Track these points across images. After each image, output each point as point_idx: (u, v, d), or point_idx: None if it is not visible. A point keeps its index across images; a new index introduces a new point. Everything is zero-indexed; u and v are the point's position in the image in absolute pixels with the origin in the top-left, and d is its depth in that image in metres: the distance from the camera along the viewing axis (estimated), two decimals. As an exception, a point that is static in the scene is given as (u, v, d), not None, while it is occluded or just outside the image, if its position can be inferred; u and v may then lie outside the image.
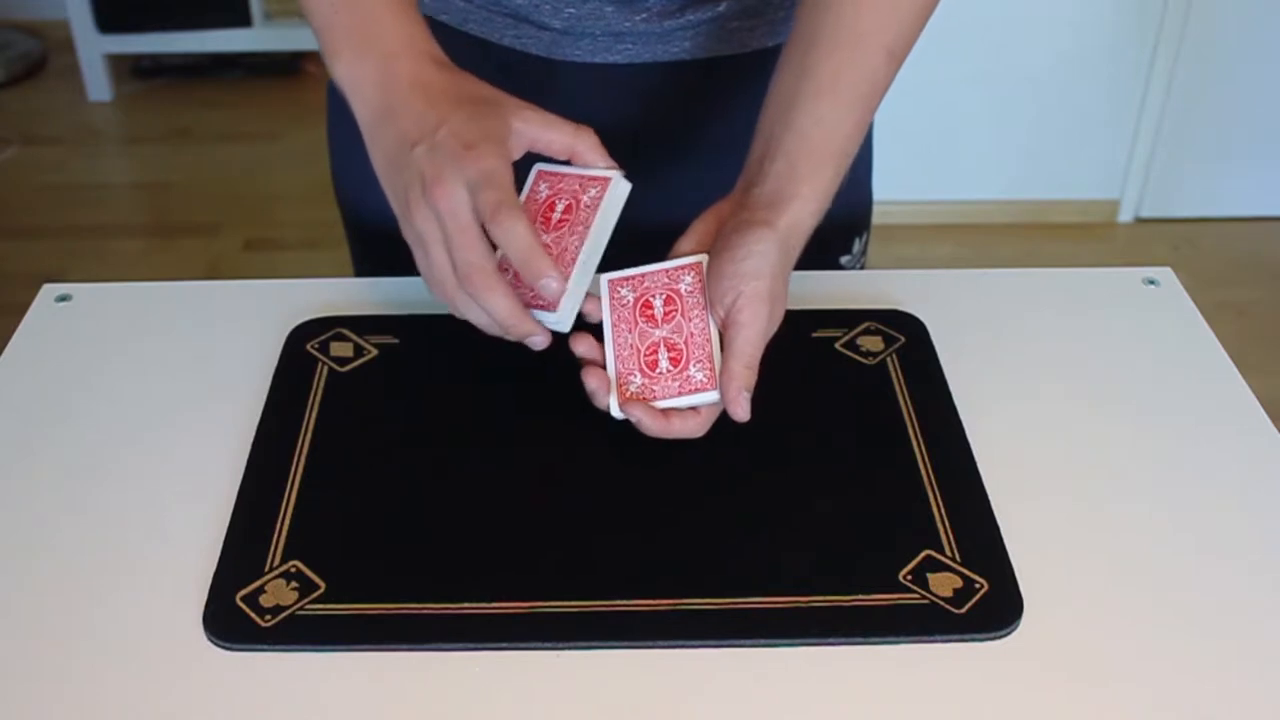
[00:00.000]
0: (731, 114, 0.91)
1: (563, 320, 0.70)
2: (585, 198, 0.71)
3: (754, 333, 0.69)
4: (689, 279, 0.72)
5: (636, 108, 0.91)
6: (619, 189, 0.71)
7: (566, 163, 0.72)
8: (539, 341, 0.70)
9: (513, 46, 0.88)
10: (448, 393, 0.76)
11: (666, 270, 0.73)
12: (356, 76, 0.71)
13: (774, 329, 0.71)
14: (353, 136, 0.95)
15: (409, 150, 0.67)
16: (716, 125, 0.92)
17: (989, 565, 0.64)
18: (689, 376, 0.70)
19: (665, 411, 0.70)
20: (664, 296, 0.72)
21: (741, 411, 0.69)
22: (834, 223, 0.85)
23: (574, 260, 0.69)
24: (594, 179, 0.72)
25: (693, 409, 0.70)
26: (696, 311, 0.71)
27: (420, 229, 0.67)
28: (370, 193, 0.95)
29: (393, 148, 0.69)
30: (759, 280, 0.69)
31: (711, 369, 0.69)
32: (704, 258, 0.72)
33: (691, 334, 0.71)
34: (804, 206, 0.71)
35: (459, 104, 0.68)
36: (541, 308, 0.69)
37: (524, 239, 0.66)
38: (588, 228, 0.70)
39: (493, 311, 0.68)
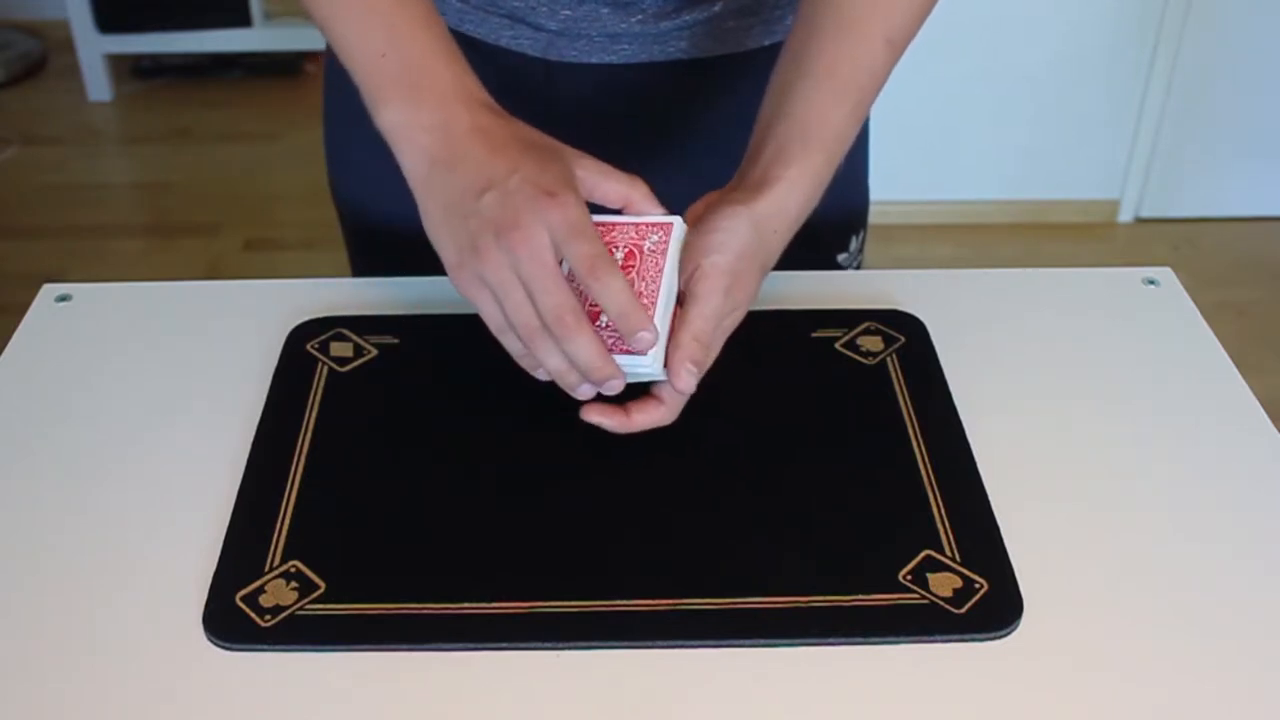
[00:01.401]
0: (728, 113, 0.91)
1: (657, 367, 0.68)
2: (647, 244, 0.70)
3: (707, 307, 0.68)
4: (655, 238, 0.71)
5: (633, 107, 0.91)
6: (680, 232, 0.71)
7: (610, 211, 0.72)
8: (616, 386, 0.68)
9: (509, 47, 0.88)
10: (448, 393, 0.76)
11: (636, 225, 0.71)
12: (409, 124, 0.69)
13: (735, 311, 0.70)
14: (349, 138, 0.96)
15: (475, 198, 0.65)
16: (713, 124, 0.92)
17: (989, 565, 0.64)
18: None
19: (625, 407, 0.69)
20: (626, 251, 0.70)
21: (682, 383, 0.67)
22: (831, 221, 0.85)
23: (653, 304, 0.68)
24: (654, 225, 0.71)
25: (654, 399, 0.69)
26: (653, 273, 0.70)
27: (493, 276, 0.65)
28: (367, 193, 0.96)
29: (454, 196, 0.67)
30: (720, 255, 0.68)
31: (653, 333, 0.68)
32: (676, 219, 0.71)
33: (640, 293, 0.69)
34: (789, 190, 0.70)
35: (525, 151, 0.67)
36: (627, 353, 0.68)
37: (623, 294, 0.65)
38: (660, 271, 0.69)
39: (579, 353, 0.66)
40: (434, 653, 0.60)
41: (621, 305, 0.65)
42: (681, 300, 0.69)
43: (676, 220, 0.71)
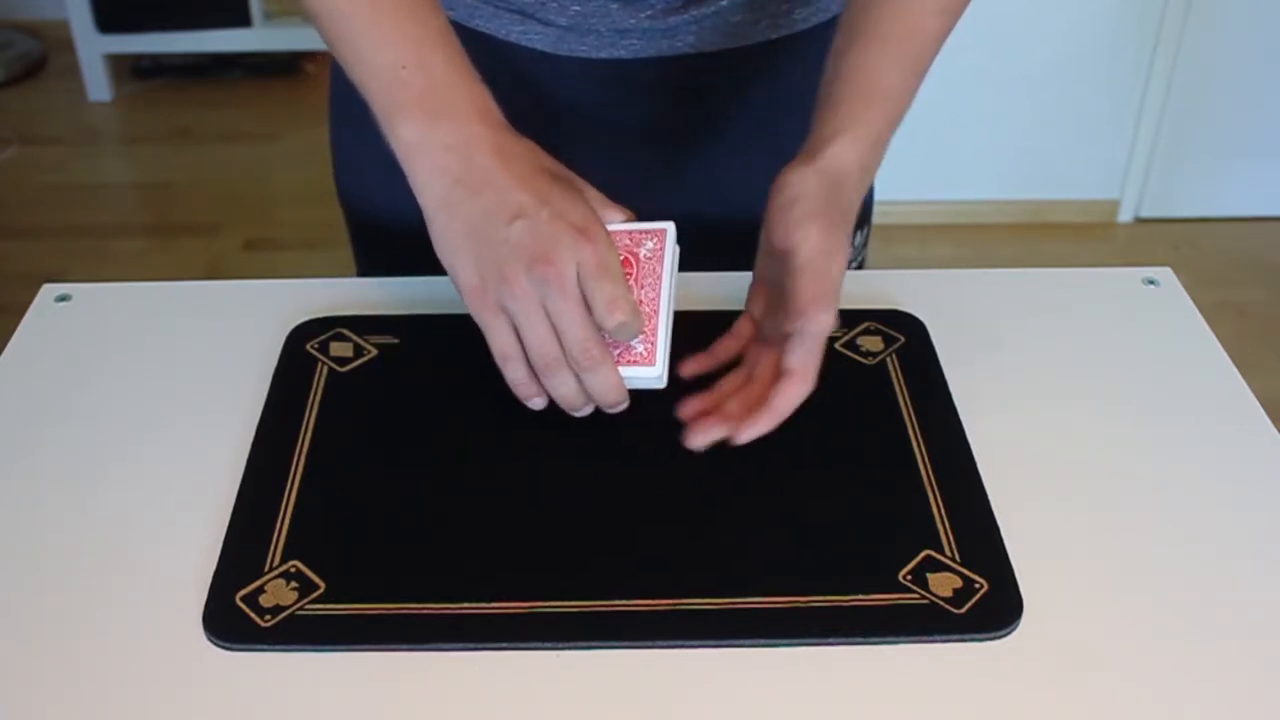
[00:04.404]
0: (736, 107, 0.91)
1: (662, 376, 0.69)
2: (643, 251, 0.70)
3: (810, 249, 0.67)
4: (650, 244, 0.71)
5: (641, 102, 0.91)
6: (673, 236, 0.71)
7: None
8: (622, 408, 0.69)
9: (518, 42, 0.88)
10: (448, 393, 0.76)
11: (630, 232, 0.71)
12: (427, 142, 0.68)
13: (839, 253, 0.68)
14: (355, 136, 0.96)
15: (504, 224, 0.66)
16: (721, 118, 0.92)
17: (989, 565, 0.64)
18: (629, 346, 0.68)
19: (763, 403, 0.68)
20: (621, 259, 0.70)
21: (822, 324, 0.66)
22: None
23: (656, 311, 0.69)
24: (647, 232, 0.71)
25: (785, 375, 0.68)
26: (650, 280, 0.70)
27: (518, 305, 0.66)
28: (373, 189, 0.96)
29: (478, 219, 0.67)
30: (800, 205, 0.68)
31: (653, 345, 0.68)
32: (669, 225, 0.71)
33: (640, 301, 0.69)
34: (847, 147, 0.70)
35: (552, 183, 0.67)
36: (633, 364, 0.68)
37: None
38: (659, 278, 0.70)
39: (600, 384, 0.67)
40: (434, 653, 0.60)
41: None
42: (783, 260, 0.68)
43: (669, 226, 0.71)
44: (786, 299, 0.68)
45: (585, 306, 0.66)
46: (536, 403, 0.70)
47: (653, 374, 0.68)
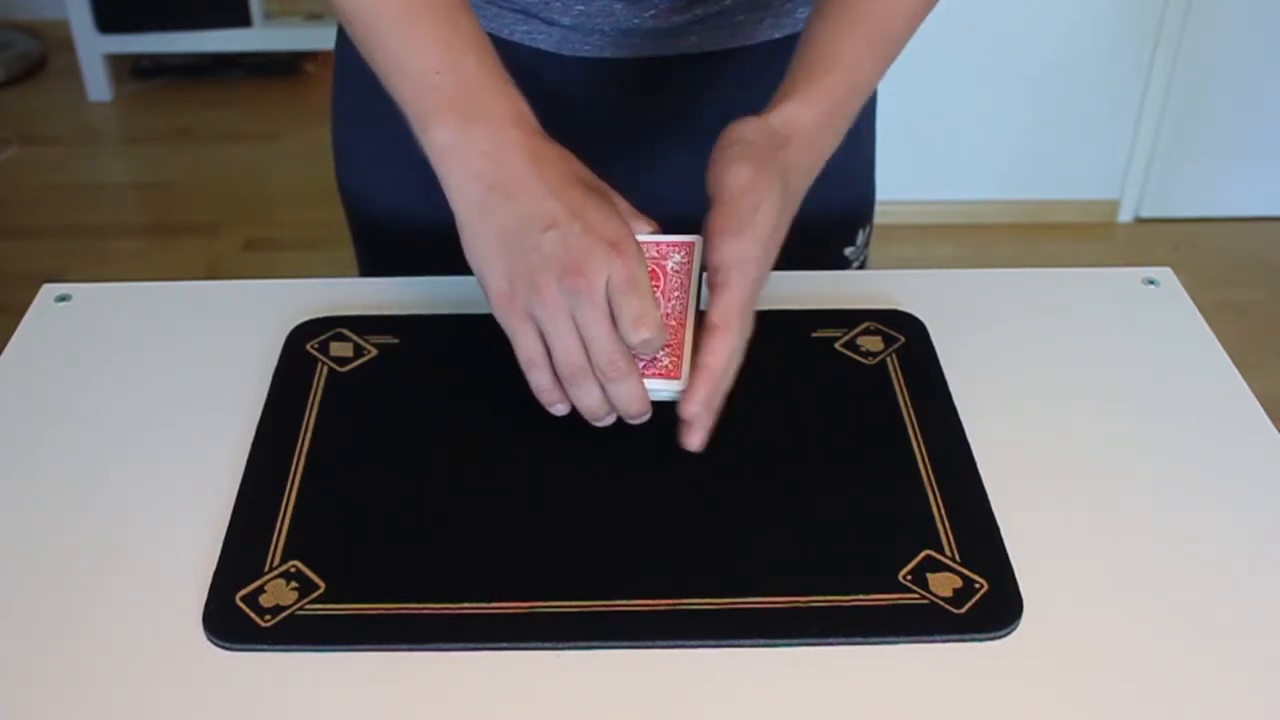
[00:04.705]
0: (740, 107, 0.91)
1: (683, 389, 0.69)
2: (670, 264, 0.71)
3: (734, 184, 0.68)
4: (677, 257, 0.71)
5: (645, 103, 0.91)
6: (701, 249, 0.71)
7: None
8: (644, 419, 0.69)
9: (521, 42, 0.89)
10: (448, 393, 0.76)
11: (658, 244, 0.72)
12: (462, 146, 0.68)
13: (767, 199, 0.69)
14: (358, 135, 0.96)
15: (537, 232, 0.66)
16: (725, 118, 0.92)
17: (989, 565, 0.64)
18: (655, 358, 0.68)
19: (692, 369, 0.68)
20: (649, 270, 0.69)
21: (734, 249, 0.67)
22: (837, 214, 0.85)
23: (682, 324, 0.69)
24: (675, 245, 0.71)
25: (710, 329, 0.68)
26: (678, 293, 0.70)
27: (547, 314, 0.66)
28: (376, 188, 0.96)
29: (513, 226, 0.67)
30: (736, 147, 0.69)
31: (679, 358, 0.68)
32: (697, 239, 0.71)
33: (666, 314, 0.69)
34: (797, 108, 0.71)
35: (586, 193, 0.67)
36: (659, 376, 0.68)
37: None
38: (686, 291, 0.70)
39: (625, 395, 0.67)
40: (434, 653, 0.60)
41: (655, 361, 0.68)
42: (711, 203, 0.69)
43: (697, 239, 0.71)
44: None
45: (613, 319, 0.66)
46: (559, 409, 0.70)
47: (678, 387, 0.68)
